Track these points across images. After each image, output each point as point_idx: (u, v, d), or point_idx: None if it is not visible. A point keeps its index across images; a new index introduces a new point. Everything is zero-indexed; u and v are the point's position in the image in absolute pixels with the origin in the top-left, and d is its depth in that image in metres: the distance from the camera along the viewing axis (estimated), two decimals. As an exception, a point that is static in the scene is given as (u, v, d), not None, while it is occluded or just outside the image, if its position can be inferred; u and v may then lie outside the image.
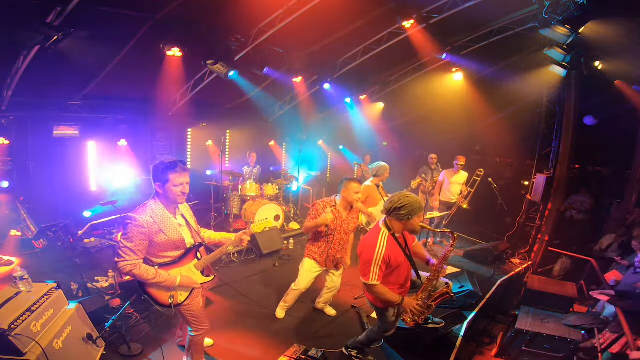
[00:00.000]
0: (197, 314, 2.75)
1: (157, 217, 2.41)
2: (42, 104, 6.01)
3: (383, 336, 3.23)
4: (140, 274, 2.35)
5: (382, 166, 4.96)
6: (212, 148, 8.47)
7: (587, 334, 3.76)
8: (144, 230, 2.33)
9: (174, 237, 2.48)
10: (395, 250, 2.74)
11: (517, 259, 6.34)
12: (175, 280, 2.50)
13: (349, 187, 3.57)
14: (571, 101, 5.90)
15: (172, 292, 2.53)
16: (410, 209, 2.64)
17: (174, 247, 2.52)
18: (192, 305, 2.68)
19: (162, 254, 2.50)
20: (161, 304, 2.54)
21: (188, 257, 2.62)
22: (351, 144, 10.47)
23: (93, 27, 4.53)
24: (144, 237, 2.34)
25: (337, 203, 3.68)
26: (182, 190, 2.43)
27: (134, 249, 2.32)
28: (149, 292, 2.52)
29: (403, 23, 5.80)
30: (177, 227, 2.52)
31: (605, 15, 4.46)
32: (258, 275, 5.25)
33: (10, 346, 2.35)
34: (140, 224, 2.32)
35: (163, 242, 2.44)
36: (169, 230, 2.45)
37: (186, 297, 2.61)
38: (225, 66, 5.66)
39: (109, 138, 6.84)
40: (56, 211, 5.98)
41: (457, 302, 4.40)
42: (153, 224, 2.37)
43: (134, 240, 2.32)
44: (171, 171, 2.38)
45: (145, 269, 2.38)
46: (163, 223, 2.43)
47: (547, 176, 6.06)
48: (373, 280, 2.66)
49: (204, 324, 2.83)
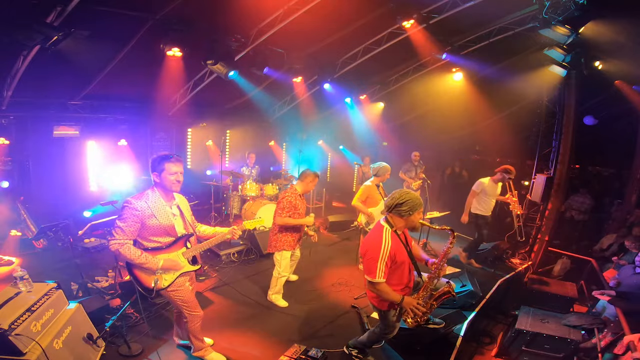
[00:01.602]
0: (187, 299, 2.89)
1: (152, 202, 2.62)
2: (42, 104, 6.02)
3: (384, 338, 3.23)
4: (126, 253, 2.54)
5: (383, 166, 4.97)
6: (212, 148, 8.47)
7: (587, 334, 3.76)
8: (137, 212, 2.54)
9: (165, 222, 2.66)
10: (399, 246, 2.75)
11: (517, 259, 6.34)
12: (158, 263, 2.66)
13: (306, 178, 4.19)
14: (571, 101, 5.89)
15: (156, 276, 2.69)
16: (412, 204, 2.69)
17: (165, 232, 2.69)
18: (181, 292, 2.83)
19: (153, 238, 2.67)
20: (145, 286, 2.70)
21: (177, 245, 2.79)
22: (351, 144, 10.47)
23: (93, 27, 4.52)
24: (136, 219, 2.55)
25: (299, 191, 4.20)
26: (176, 178, 2.64)
27: (124, 229, 2.54)
28: (134, 273, 2.70)
29: (403, 23, 5.81)
30: (170, 215, 2.71)
31: (605, 15, 4.46)
32: (258, 275, 5.25)
33: (10, 346, 2.36)
34: (135, 206, 2.55)
35: (154, 226, 2.62)
36: (160, 216, 2.64)
37: (170, 283, 2.75)
38: (225, 66, 5.67)
39: (109, 138, 6.84)
40: (56, 211, 5.98)
41: (457, 302, 4.41)
42: (147, 208, 2.58)
43: (127, 221, 2.54)
44: (167, 161, 2.61)
45: (131, 249, 2.56)
46: (156, 209, 2.63)
47: (547, 176, 6.06)
48: (379, 278, 2.65)
49: (195, 310, 2.97)
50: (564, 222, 6.47)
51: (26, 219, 5.79)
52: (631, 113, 5.86)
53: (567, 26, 4.50)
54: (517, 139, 8.08)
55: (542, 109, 6.67)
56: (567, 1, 4.36)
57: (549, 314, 4.03)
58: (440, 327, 3.82)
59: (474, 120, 8.78)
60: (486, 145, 9.36)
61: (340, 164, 10.95)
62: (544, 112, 6.63)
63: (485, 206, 5.65)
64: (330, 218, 7.67)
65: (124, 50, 5.35)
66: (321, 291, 4.86)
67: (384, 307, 2.91)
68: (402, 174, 7.61)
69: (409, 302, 2.80)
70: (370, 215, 5.00)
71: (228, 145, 8.68)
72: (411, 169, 7.59)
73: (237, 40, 5.68)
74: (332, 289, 4.92)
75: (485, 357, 3.81)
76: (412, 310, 2.79)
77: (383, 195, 4.80)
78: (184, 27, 5.13)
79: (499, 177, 5.54)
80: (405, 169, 7.67)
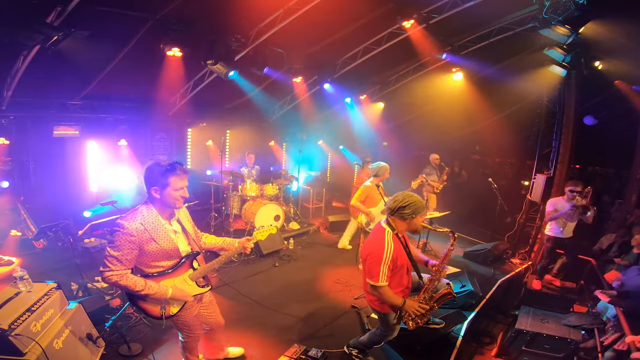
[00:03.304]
0: (190, 323, 2.59)
1: (149, 223, 2.22)
2: (42, 104, 6.02)
3: (385, 339, 3.23)
4: (127, 284, 2.16)
5: (383, 166, 4.96)
6: (212, 148, 8.47)
7: (587, 334, 3.76)
8: (132, 238, 2.15)
9: (167, 246, 2.29)
10: (400, 250, 2.75)
11: (517, 259, 6.34)
12: (167, 293, 2.29)
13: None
14: (571, 101, 5.89)
15: (163, 304, 2.35)
16: (414, 208, 2.68)
17: (167, 256, 2.33)
18: (184, 316, 2.51)
19: (154, 263, 2.30)
20: (152, 315, 2.35)
21: (182, 267, 2.42)
22: (351, 144, 10.47)
23: (93, 27, 4.52)
24: (132, 245, 2.16)
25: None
26: (181, 194, 2.26)
27: (120, 259, 2.13)
28: (138, 304, 2.34)
29: (403, 23, 5.81)
30: (172, 235, 2.33)
31: (605, 15, 4.45)
32: (258, 275, 5.25)
33: (10, 346, 2.35)
34: (129, 231, 2.14)
35: (155, 251, 2.25)
36: (161, 239, 2.25)
37: (179, 309, 2.42)
38: (225, 66, 5.66)
39: (109, 138, 6.84)
40: (56, 211, 5.98)
41: (457, 302, 4.41)
42: (144, 232, 2.18)
43: (122, 249, 2.13)
44: (171, 174, 2.19)
45: (133, 280, 2.18)
46: (155, 230, 2.23)
47: (547, 176, 6.06)
48: (382, 282, 2.64)
49: (195, 331, 2.70)
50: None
51: (26, 219, 5.79)
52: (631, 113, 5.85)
53: (567, 26, 4.50)
54: (517, 139, 8.08)
55: (542, 109, 6.67)
56: (567, 1, 4.36)
57: (549, 314, 4.03)
58: (440, 327, 3.82)
59: (474, 120, 8.78)
60: (486, 145, 9.36)
61: (340, 164, 10.95)
62: (544, 112, 6.63)
63: None
64: (330, 218, 7.67)
65: (124, 50, 5.35)
66: (321, 291, 4.86)
67: (385, 310, 2.90)
68: (422, 177, 7.27)
69: (411, 305, 2.79)
70: (370, 214, 5.00)
71: (228, 145, 8.68)
72: (432, 172, 7.31)
73: (237, 40, 5.68)
74: (332, 289, 4.92)
75: (485, 357, 3.81)
76: (414, 313, 2.79)
77: (383, 195, 4.80)
78: (184, 27, 5.12)
79: None
80: (426, 172, 7.31)
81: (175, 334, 3.49)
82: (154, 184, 2.22)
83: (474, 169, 9.83)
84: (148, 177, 2.24)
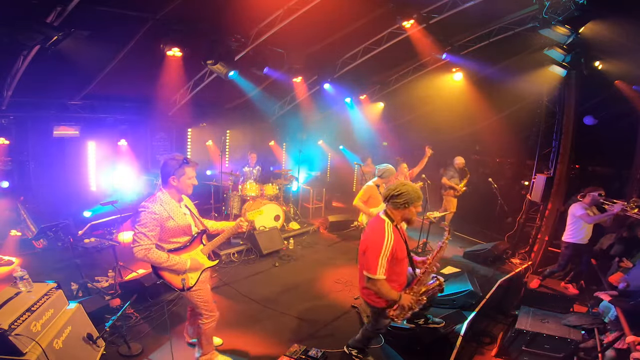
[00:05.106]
0: (207, 298, 2.98)
1: (166, 204, 2.69)
2: (42, 104, 6.02)
3: (377, 333, 3.22)
4: (154, 257, 2.59)
5: (389, 169, 4.93)
6: (212, 148, 8.47)
7: (587, 334, 3.76)
8: (155, 216, 2.60)
9: (182, 222, 2.75)
10: (400, 242, 2.73)
11: (517, 259, 6.34)
12: (186, 264, 2.74)
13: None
14: (571, 101, 5.89)
15: (183, 276, 2.76)
16: (407, 197, 2.68)
17: (182, 232, 2.78)
18: (202, 291, 2.91)
19: (172, 239, 2.75)
20: (174, 286, 2.77)
21: (195, 243, 2.90)
22: (351, 144, 10.47)
23: (93, 27, 4.52)
24: (156, 222, 2.60)
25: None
26: (192, 182, 2.77)
27: (147, 234, 2.57)
28: (162, 276, 2.76)
29: (403, 23, 5.81)
30: (184, 215, 2.80)
31: (605, 15, 4.45)
32: (258, 275, 5.25)
33: (10, 346, 2.35)
34: (152, 210, 2.60)
35: (173, 227, 2.70)
36: (177, 217, 2.72)
37: (196, 281, 2.84)
38: (225, 66, 5.66)
39: (109, 138, 6.84)
40: (56, 211, 5.98)
41: (457, 302, 4.41)
42: (163, 211, 2.65)
43: (148, 226, 2.57)
44: (187, 165, 2.70)
45: (158, 253, 2.61)
46: (172, 210, 2.70)
47: (547, 176, 6.05)
48: (380, 274, 2.61)
49: (213, 311, 3.05)
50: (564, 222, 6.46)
51: (26, 219, 5.79)
52: (631, 113, 5.84)
53: (567, 26, 4.50)
54: (517, 139, 8.07)
55: (542, 109, 6.67)
56: (567, 1, 4.37)
57: (549, 314, 4.03)
58: (440, 327, 3.83)
59: (474, 120, 8.77)
60: (486, 145, 9.35)
61: (340, 164, 10.95)
62: (544, 112, 6.63)
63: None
64: (330, 218, 7.67)
65: (124, 50, 5.35)
66: (321, 291, 4.86)
67: (380, 304, 2.86)
68: (445, 180, 7.20)
69: (406, 299, 2.77)
70: (371, 215, 5.00)
71: (228, 145, 8.68)
72: (455, 175, 7.28)
73: (237, 40, 5.68)
74: (332, 289, 4.92)
75: (485, 357, 3.81)
76: (408, 307, 2.77)
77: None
78: (184, 27, 5.13)
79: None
80: (449, 175, 7.31)
81: (180, 333, 3.51)
82: (172, 174, 2.69)
83: (474, 169, 9.82)
84: (166, 169, 2.70)
